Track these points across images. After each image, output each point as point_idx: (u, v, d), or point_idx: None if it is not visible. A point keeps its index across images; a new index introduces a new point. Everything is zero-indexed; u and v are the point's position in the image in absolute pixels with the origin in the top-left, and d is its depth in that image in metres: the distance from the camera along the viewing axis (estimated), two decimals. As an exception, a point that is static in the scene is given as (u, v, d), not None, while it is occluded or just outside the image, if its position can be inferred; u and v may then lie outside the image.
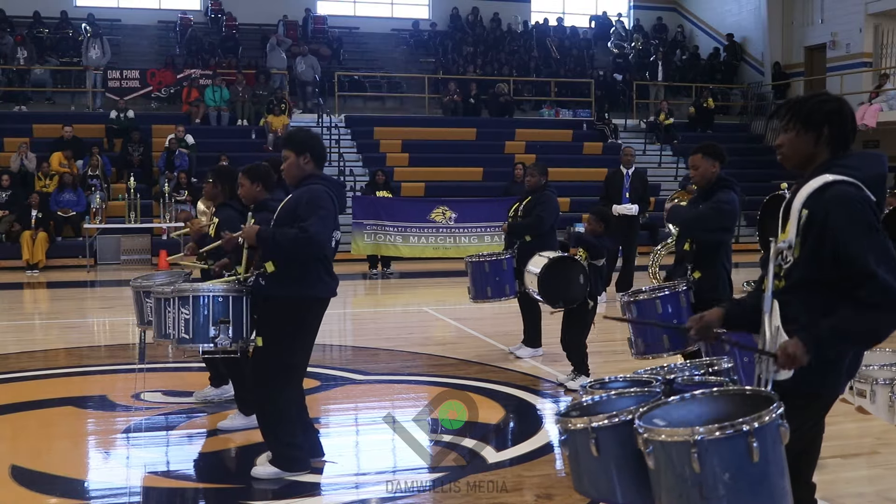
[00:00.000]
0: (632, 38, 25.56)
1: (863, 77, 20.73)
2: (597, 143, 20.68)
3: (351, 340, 8.94)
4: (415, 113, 21.86)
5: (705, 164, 5.30)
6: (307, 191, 4.61)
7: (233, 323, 4.80)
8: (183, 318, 4.84)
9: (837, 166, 2.80)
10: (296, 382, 4.82)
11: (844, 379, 2.87)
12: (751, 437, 2.40)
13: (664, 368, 3.50)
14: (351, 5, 25.50)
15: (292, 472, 4.69)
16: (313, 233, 4.43)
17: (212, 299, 4.81)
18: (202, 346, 4.86)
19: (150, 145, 17.66)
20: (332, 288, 4.73)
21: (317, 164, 4.73)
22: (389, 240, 14.37)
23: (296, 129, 4.93)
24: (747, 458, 2.40)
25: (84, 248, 14.99)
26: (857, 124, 2.93)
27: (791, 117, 2.91)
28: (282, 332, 4.61)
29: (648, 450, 2.51)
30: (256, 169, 5.42)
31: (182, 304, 4.85)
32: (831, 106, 2.87)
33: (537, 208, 7.59)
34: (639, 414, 2.61)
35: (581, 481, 2.79)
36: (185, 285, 4.99)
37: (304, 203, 4.54)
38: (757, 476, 2.43)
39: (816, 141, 2.86)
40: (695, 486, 2.43)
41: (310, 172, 4.70)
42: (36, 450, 5.32)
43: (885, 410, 4.08)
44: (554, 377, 6.96)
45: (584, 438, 2.70)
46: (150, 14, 23.79)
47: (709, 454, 2.40)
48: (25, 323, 10.53)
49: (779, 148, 2.96)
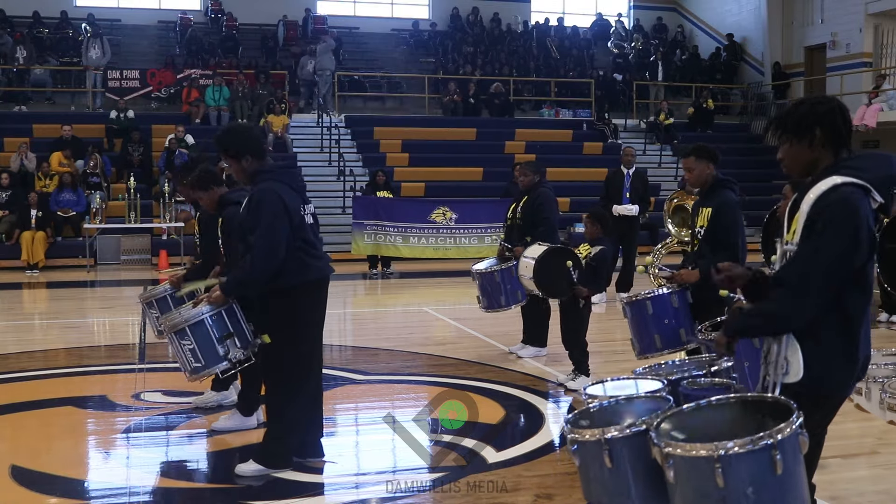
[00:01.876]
0: (632, 38, 25.56)
1: (863, 77, 20.72)
2: (597, 143, 20.68)
3: (351, 340, 8.94)
4: (415, 113, 21.86)
5: (700, 165, 5.30)
6: (253, 198, 4.60)
7: (236, 333, 4.80)
8: (188, 350, 4.79)
9: (846, 168, 2.78)
10: (312, 375, 4.80)
11: (853, 381, 2.86)
12: (774, 449, 2.38)
13: (663, 367, 3.49)
14: (351, 5, 25.50)
15: (275, 468, 4.68)
16: (257, 259, 4.46)
17: (206, 321, 4.76)
18: (217, 367, 4.81)
19: (150, 145, 17.66)
20: (320, 267, 4.72)
21: (259, 159, 4.71)
22: (390, 240, 14.37)
23: (221, 132, 4.90)
24: (771, 470, 2.39)
25: (84, 248, 14.99)
26: (850, 120, 2.91)
27: (782, 130, 2.91)
28: (283, 324, 4.60)
29: (669, 463, 2.48)
30: (201, 178, 5.52)
31: (180, 337, 4.81)
32: (818, 108, 2.86)
33: (539, 211, 7.48)
34: (654, 425, 2.59)
35: (592, 492, 2.78)
36: (176, 318, 4.88)
37: (250, 214, 4.56)
38: (779, 487, 2.42)
39: (811, 145, 2.85)
40: (717, 501, 2.41)
41: (256, 170, 4.69)
42: (36, 450, 5.32)
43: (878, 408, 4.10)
44: (554, 377, 6.95)
45: (596, 449, 2.67)
46: (150, 14, 23.80)
47: (733, 468, 2.38)
48: (25, 323, 10.53)
49: (781, 162, 2.96)
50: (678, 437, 2.53)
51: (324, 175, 18.45)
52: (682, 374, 3.35)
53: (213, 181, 5.53)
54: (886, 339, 8.17)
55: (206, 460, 5.21)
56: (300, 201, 4.70)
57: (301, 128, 19.82)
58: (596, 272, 6.58)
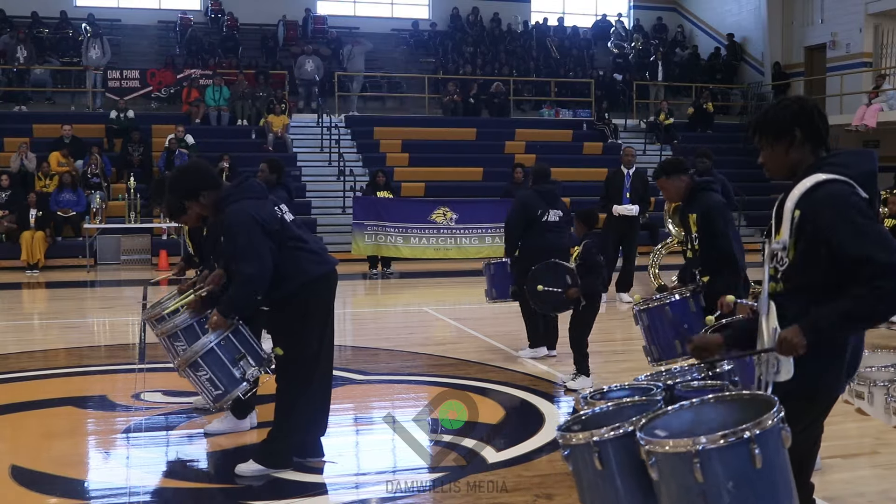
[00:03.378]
0: (632, 38, 25.55)
1: (863, 77, 20.72)
2: (597, 143, 20.67)
3: (351, 340, 8.94)
4: (415, 113, 21.85)
5: (672, 183, 5.36)
6: (225, 225, 4.59)
7: (248, 353, 4.79)
8: (206, 380, 4.77)
9: (828, 165, 2.79)
10: (320, 376, 4.79)
11: (844, 378, 2.86)
12: (752, 443, 2.39)
13: (665, 374, 3.49)
14: (351, 5, 25.50)
15: (275, 468, 4.68)
16: (253, 271, 4.45)
17: (216, 349, 4.73)
18: (238, 390, 4.79)
19: (150, 145, 17.65)
20: (322, 260, 4.71)
21: (214, 189, 4.69)
22: (390, 241, 14.37)
23: (169, 181, 4.93)
24: (750, 464, 2.39)
25: (84, 248, 14.98)
26: (826, 119, 2.92)
27: (760, 134, 2.91)
28: (293, 328, 4.61)
29: (651, 461, 2.49)
30: (173, 203, 5.42)
31: (195, 369, 4.79)
32: (793, 108, 2.86)
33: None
34: (640, 425, 2.59)
35: (586, 495, 2.78)
36: (188, 352, 4.83)
37: (227, 242, 4.57)
38: (761, 482, 2.42)
39: (791, 146, 2.85)
40: (699, 496, 2.42)
41: (216, 200, 4.66)
42: (36, 450, 5.32)
43: (883, 412, 4.09)
44: (554, 377, 6.96)
45: (586, 452, 2.68)
46: (150, 14, 23.79)
47: (711, 463, 2.39)
48: (25, 323, 10.53)
49: (763, 167, 2.97)
50: (661, 436, 2.54)
51: (324, 175, 18.45)
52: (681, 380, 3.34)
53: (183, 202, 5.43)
54: (886, 339, 8.17)
55: (206, 460, 5.21)
56: (271, 205, 4.67)
57: (301, 128, 19.82)
58: (589, 268, 6.62)
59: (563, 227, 7.66)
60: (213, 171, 4.83)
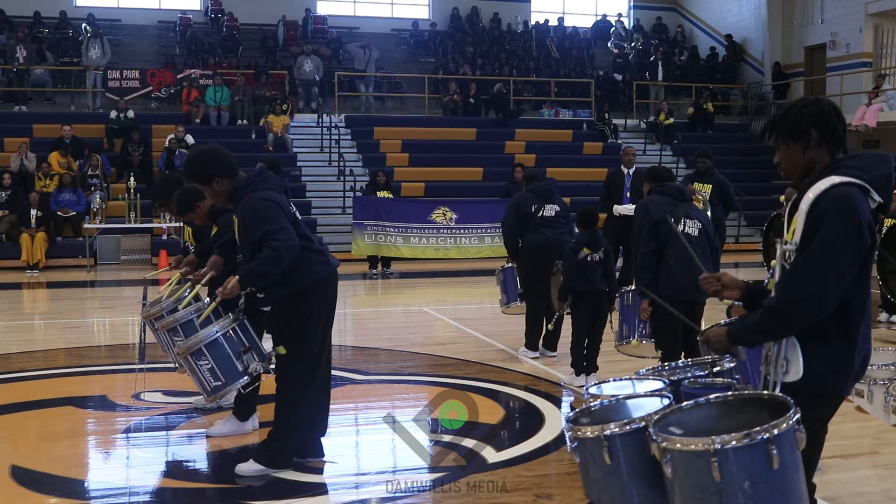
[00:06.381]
0: (632, 38, 25.55)
1: (863, 77, 20.72)
2: (597, 143, 20.68)
3: (351, 340, 8.94)
4: (415, 113, 21.86)
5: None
6: (242, 209, 4.53)
7: (252, 347, 4.79)
8: (206, 370, 4.76)
9: (844, 167, 2.78)
10: (320, 375, 4.79)
11: (852, 380, 2.86)
12: (770, 444, 2.39)
13: (667, 368, 3.49)
14: (351, 5, 25.50)
15: (275, 468, 4.68)
16: (281, 241, 4.37)
17: (221, 339, 4.73)
18: (238, 382, 4.79)
19: (150, 145, 17.65)
20: (326, 261, 4.70)
21: (230, 178, 4.61)
22: (390, 240, 14.38)
23: (186, 161, 4.81)
24: (767, 465, 2.40)
25: (84, 248, 14.99)
26: (844, 120, 2.91)
27: (777, 133, 2.90)
28: (296, 328, 4.61)
29: (666, 458, 2.49)
30: (181, 202, 5.39)
31: (197, 358, 4.77)
32: (812, 109, 2.84)
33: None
34: (653, 421, 2.59)
35: (592, 489, 2.78)
36: (191, 339, 4.81)
37: (248, 224, 4.48)
38: (776, 482, 2.42)
39: (808, 146, 2.84)
40: (714, 495, 2.42)
41: (232, 188, 4.61)
42: (36, 450, 5.32)
43: (882, 410, 4.08)
44: (554, 377, 6.96)
45: (596, 446, 2.68)
46: (150, 14, 23.79)
47: (729, 463, 2.39)
48: (25, 323, 10.53)
49: (778, 166, 2.96)
50: (676, 433, 2.53)
51: (324, 175, 18.46)
52: (684, 375, 3.35)
53: (194, 199, 5.35)
54: (886, 339, 8.17)
55: (207, 460, 5.20)
56: (287, 200, 4.67)
57: (301, 128, 19.82)
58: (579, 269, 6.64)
59: (560, 221, 7.67)
60: (231, 159, 4.69)
